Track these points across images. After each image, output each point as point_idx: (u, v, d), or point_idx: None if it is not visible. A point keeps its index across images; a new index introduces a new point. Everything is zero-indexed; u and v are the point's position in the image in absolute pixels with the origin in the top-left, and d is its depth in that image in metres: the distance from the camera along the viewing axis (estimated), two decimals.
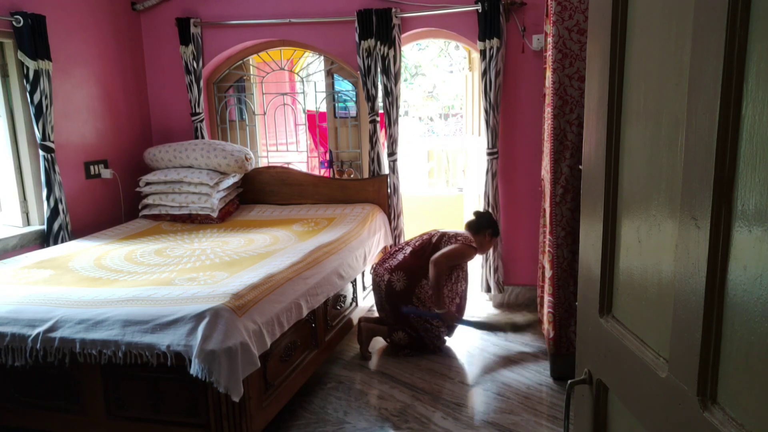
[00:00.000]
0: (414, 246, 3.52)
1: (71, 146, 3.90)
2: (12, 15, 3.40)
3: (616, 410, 1.16)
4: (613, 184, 1.11)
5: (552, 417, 2.76)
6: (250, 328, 2.30)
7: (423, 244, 3.51)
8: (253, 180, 4.41)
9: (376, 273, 3.52)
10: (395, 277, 3.41)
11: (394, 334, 3.46)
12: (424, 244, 3.50)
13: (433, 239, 3.51)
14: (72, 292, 2.57)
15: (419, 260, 3.43)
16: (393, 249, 3.66)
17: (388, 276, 3.43)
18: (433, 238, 3.52)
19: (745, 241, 0.71)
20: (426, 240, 3.54)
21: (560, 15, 2.83)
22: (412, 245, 3.54)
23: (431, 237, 3.54)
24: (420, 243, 3.52)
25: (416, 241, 3.56)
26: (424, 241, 3.53)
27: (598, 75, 1.15)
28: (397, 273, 3.41)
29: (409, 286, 3.38)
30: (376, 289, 3.52)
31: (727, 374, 0.76)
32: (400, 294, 3.39)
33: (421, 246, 3.50)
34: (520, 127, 4.04)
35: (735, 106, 0.72)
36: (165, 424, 2.37)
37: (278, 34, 4.36)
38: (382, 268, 3.50)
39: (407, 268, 3.42)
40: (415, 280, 3.39)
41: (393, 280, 3.41)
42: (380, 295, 3.49)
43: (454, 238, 3.48)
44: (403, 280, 3.39)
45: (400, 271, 3.41)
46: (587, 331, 1.25)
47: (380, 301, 3.51)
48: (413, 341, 3.45)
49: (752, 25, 0.69)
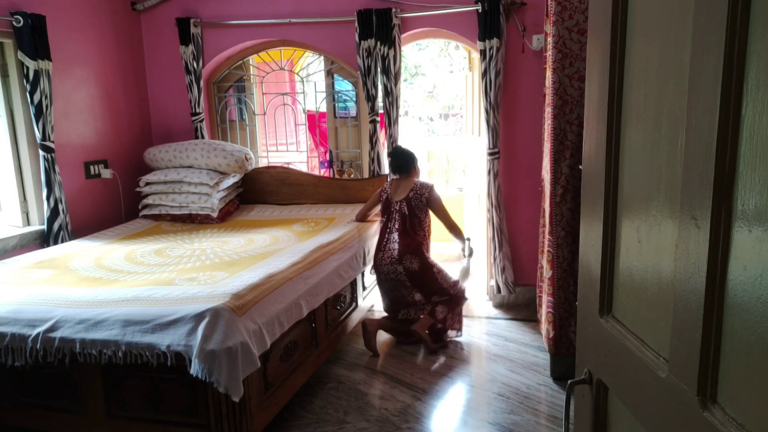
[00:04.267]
0: (398, 229, 3.56)
1: (71, 146, 3.90)
2: (12, 15, 3.40)
3: (616, 410, 1.16)
4: (613, 184, 1.11)
5: (552, 417, 2.76)
6: (250, 328, 2.30)
7: (401, 221, 3.56)
8: (253, 180, 4.41)
9: (387, 273, 3.55)
10: (407, 263, 3.50)
11: (437, 308, 3.55)
12: (403, 221, 3.55)
13: (404, 210, 3.55)
14: (72, 292, 2.57)
15: (410, 236, 3.54)
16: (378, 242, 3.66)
17: (401, 266, 3.50)
18: (403, 210, 3.55)
19: (745, 241, 0.71)
20: (400, 219, 3.56)
21: (560, 15, 2.83)
22: (394, 230, 3.58)
23: (401, 213, 3.56)
24: (399, 222, 3.56)
25: (392, 223, 3.59)
26: (398, 220, 3.57)
27: (598, 75, 1.15)
28: (406, 259, 3.50)
29: (422, 259, 3.53)
30: (396, 285, 3.56)
31: (727, 374, 0.76)
32: (423, 270, 3.51)
33: (401, 224, 3.55)
34: (520, 127, 4.04)
35: (735, 106, 0.72)
36: (165, 424, 2.37)
37: (278, 34, 4.36)
38: (387, 264, 3.53)
39: (408, 248, 3.51)
40: (422, 252, 3.55)
41: (408, 266, 3.49)
42: (403, 286, 3.53)
43: (419, 194, 3.56)
44: (414, 259, 3.51)
45: (406, 256, 3.50)
46: (587, 331, 1.25)
47: (405, 293, 3.55)
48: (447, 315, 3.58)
49: (752, 25, 0.69)
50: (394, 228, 3.59)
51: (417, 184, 3.61)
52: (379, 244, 3.65)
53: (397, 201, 3.60)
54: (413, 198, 3.56)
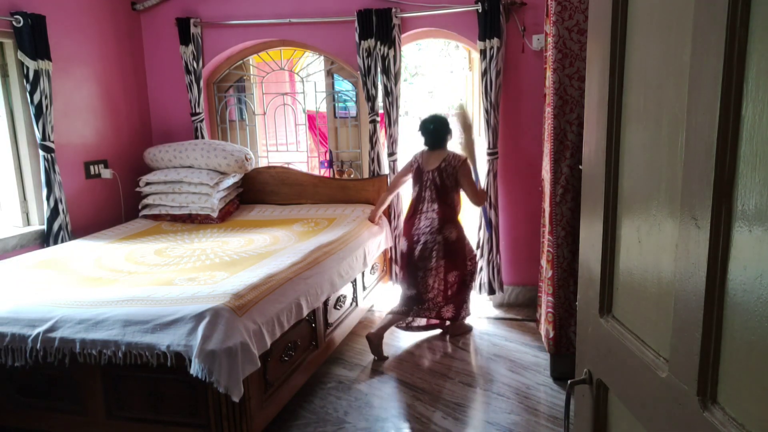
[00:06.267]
0: (435, 199, 3.56)
1: (71, 146, 3.90)
2: (12, 15, 3.40)
3: (616, 410, 1.16)
4: (613, 184, 1.11)
5: (552, 417, 2.76)
6: (250, 328, 2.30)
7: (436, 191, 3.56)
8: (253, 180, 4.41)
9: (425, 242, 3.55)
10: (447, 232, 3.54)
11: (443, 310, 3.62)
12: (438, 191, 3.56)
13: (437, 181, 3.55)
14: (72, 292, 2.57)
15: (448, 205, 3.58)
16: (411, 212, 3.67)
17: (440, 236, 3.53)
18: (436, 180, 3.55)
19: (745, 241, 0.71)
20: (434, 189, 3.56)
21: (560, 15, 2.83)
22: (431, 200, 3.57)
23: (434, 183, 3.56)
24: (434, 193, 3.56)
25: (427, 192, 3.59)
26: (433, 190, 3.56)
27: (598, 75, 1.15)
28: (446, 229, 3.54)
29: (459, 230, 3.61)
30: (425, 259, 3.55)
31: (727, 374, 0.76)
32: (458, 240, 3.58)
33: (438, 194, 3.56)
34: (520, 127, 4.04)
35: (735, 106, 0.72)
36: (165, 424, 2.37)
37: (278, 34, 4.36)
38: (427, 233, 3.55)
39: (448, 218, 3.55)
40: (458, 222, 3.64)
41: (447, 236, 3.54)
42: (429, 261, 3.54)
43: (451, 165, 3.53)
44: (453, 229, 3.57)
45: (447, 226, 3.54)
46: (587, 331, 1.25)
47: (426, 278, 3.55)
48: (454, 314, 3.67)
49: (752, 25, 0.69)
50: (431, 198, 3.57)
51: (449, 155, 3.57)
52: (412, 214, 3.65)
53: (428, 171, 3.58)
54: (445, 168, 3.54)
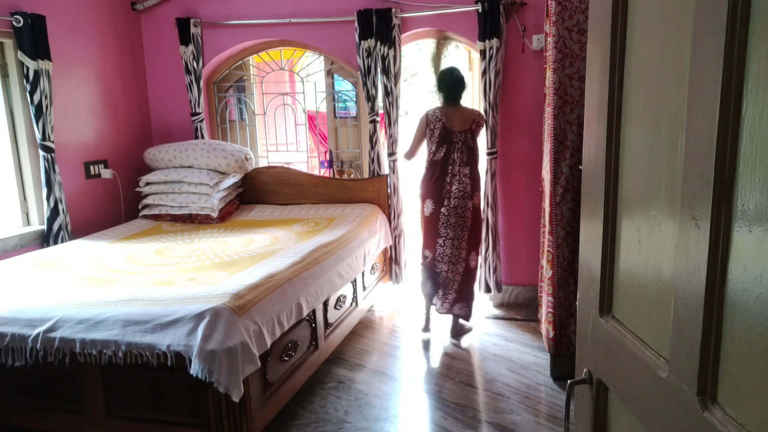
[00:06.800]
0: (466, 162, 3.44)
1: (71, 146, 3.90)
2: (12, 15, 3.40)
3: (616, 410, 1.16)
4: (613, 184, 1.11)
5: (552, 417, 2.76)
6: (250, 328, 2.30)
7: (468, 154, 3.44)
8: (253, 180, 4.41)
9: (455, 207, 3.45)
10: (476, 199, 3.53)
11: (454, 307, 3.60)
12: (470, 154, 3.45)
13: (470, 143, 3.45)
14: (72, 292, 2.57)
15: (477, 171, 3.51)
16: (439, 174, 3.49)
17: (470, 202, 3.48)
18: (468, 142, 3.45)
19: (745, 241, 0.71)
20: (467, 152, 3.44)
21: (560, 15, 2.83)
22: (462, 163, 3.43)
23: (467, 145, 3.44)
24: (466, 155, 3.44)
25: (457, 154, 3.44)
26: (464, 152, 3.44)
27: (598, 75, 1.15)
28: (476, 195, 3.51)
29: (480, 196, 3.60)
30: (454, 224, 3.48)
31: (727, 374, 0.76)
32: (479, 210, 3.58)
33: (469, 157, 3.45)
34: (519, 127, 4.04)
35: (735, 106, 0.72)
36: (165, 424, 2.37)
37: (278, 34, 4.36)
38: (458, 197, 3.45)
39: (477, 184, 3.52)
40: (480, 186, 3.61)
41: (476, 203, 3.53)
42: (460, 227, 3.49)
43: (479, 125, 3.48)
44: (479, 196, 3.55)
45: (476, 192, 3.51)
46: (587, 331, 1.25)
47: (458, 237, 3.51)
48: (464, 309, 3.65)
49: (752, 26, 0.69)
50: (462, 161, 3.45)
51: (476, 114, 3.49)
52: (439, 175, 3.48)
53: (460, 132, 3.43)
54: (476, 129, 3.46)
